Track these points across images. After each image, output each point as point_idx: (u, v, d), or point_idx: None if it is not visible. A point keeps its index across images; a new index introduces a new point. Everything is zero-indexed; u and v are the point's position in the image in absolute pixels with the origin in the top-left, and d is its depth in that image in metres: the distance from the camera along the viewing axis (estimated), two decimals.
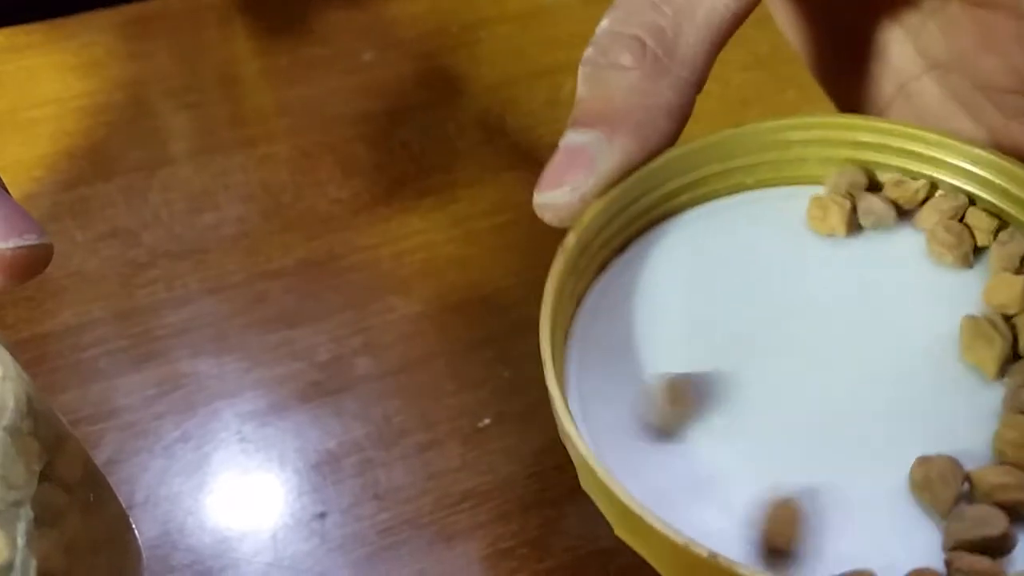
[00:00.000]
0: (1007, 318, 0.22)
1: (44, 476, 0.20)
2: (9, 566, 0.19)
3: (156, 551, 0.31)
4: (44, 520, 0.20)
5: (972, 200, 0.24)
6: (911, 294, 0.23)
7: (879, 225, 0.25)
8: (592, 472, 0.20)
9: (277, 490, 0.33)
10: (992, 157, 0.24)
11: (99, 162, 0.41)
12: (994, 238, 0.24)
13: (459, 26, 0.49)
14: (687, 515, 0.20)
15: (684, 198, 0.25)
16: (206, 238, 0.38)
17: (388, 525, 0.32)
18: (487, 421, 0.35)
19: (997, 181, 0.24)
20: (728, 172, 0.25)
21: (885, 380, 0.22)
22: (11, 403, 0.19)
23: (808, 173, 0.25)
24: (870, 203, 0.24)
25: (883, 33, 0.27)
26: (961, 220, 0.24)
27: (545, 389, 0.22)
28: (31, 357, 0.35)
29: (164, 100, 0.44)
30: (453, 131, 0.44)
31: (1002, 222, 0.24)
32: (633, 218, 0.24)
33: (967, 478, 0.20)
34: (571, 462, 0.34)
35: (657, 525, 0.19)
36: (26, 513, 0.19)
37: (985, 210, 0.24)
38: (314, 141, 0.42)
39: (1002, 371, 0.21)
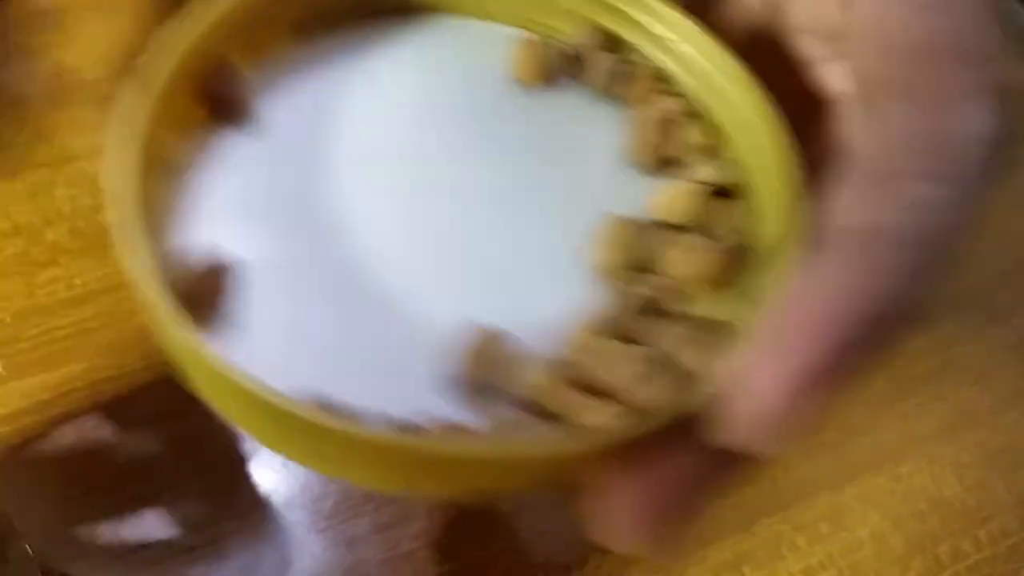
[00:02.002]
0: (665, 227, 0.21)
1: None
2: None
3: None
4: None
5: (701, 113, 0.23)
6: (577, 175, 0.22)
7: (597, 90, 0.24)
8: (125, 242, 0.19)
9: (173, 493, 0.34)
10: (736, 71, 0.23)
11: None
12: (695, 158, 0.23)
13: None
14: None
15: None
16: None
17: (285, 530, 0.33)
18: None
19: (713, 113, 0.23)
20: None
21: (502, 248, 0.21)
22: None
23: (556, 24, 0.24)
24: (599, 64, 0.24)
25: None
26: (673, 125, 0.23)
27: None
28: None
29: None
30: None
31: (711, 144, 0.23)
32: None
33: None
34: None
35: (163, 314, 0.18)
36: None
37: (706, 127, 0.23)
38: None
39: (622, 279, 0.21)
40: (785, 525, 0.35)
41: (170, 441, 0.34)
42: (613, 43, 0.24)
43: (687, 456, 0.19)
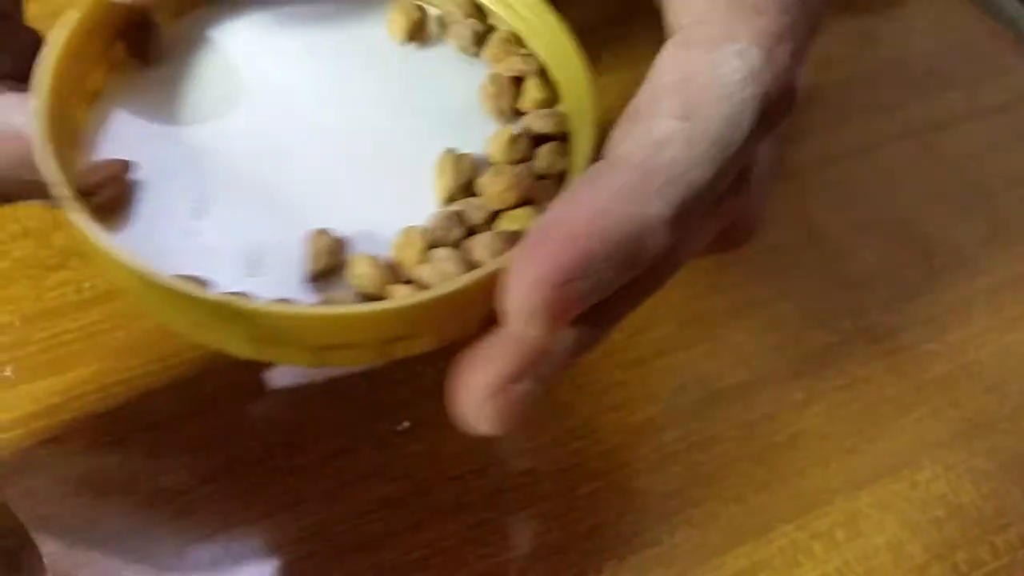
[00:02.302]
0: (491, 162, 0.27)
1: None
2: None
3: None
4: None
5: (545, 72, 0.28)
6: (436, 119, 0.28)
7: (462, 50, 0.29)
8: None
9: (184, 500, 0.33)
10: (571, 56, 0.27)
11: None
12: (537, 108, 0.28)
13: None
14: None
15: None
16: None
17: (298, 536, 0.33)
18: (406, 424, 0.35)
19: (553, 73, 0.28)
20: None
21: (359, 170, 0.27)
22: None
23: None
24: (463, 28, 0.29)
25: None
26: (520, 82, 0.28)
27: None
28: None
29: None
30: None
31: (547, 98, 0.28)
32: None
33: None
34: (492, 465, 0.35)
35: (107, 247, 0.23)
36: None
37: (546, 85, 0.28)
38: None
39: (452, 200, 0.26)
40: (801, 532, 0.34)
41: (182, 445, 0.34)
42: (477, 9, 0.29)
43: (504, 346, 0.23)
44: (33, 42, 0.33)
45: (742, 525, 0.35)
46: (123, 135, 0.26)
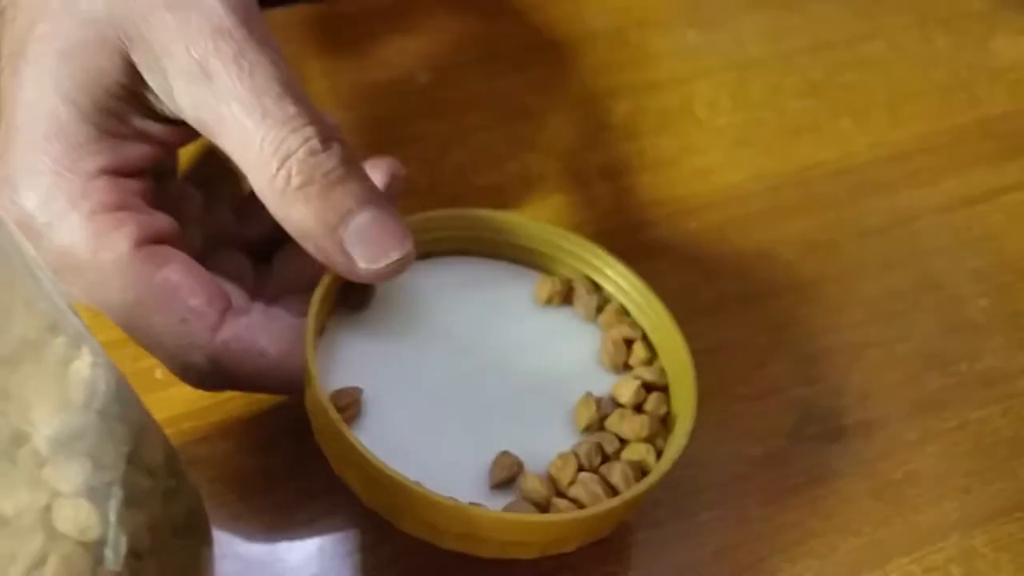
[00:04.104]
0: (617, 404, 0.36)
1: (129, 460, 0.23)
2: (102, 541, 0.22)
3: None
4: (131, 501, 0.23)
5: (645, 335, 0.38)
6: (568, 370, 0.37)
7: (584, 317, 0.38)
8: (325, 415, 0.32)
9: (324, 504, 0.36)
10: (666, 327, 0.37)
11: None
12: (642, 364, 0.37)
13: (514, 49, 0.52)
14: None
15: (482, 247, 0.39)
16: None
17: (432, 546, 0.35)
18: None
19: (651, 337, 0.38)
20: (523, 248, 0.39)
21: (518, 409, 0.35)
22: (102, 387, 0.22)
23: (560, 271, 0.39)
24: (587, 301, 0.38)
25: None
26: (630, 343, 0.37)
27: None
28: None
29: None
30: (504, 153, 0.47)
31: (649, 356, 0.37)
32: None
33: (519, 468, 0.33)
34: None
35: (370, 457, 0.31)
36: (116, 492, 0.22)
37: (648, 345, 0.37)
38: None
39: (587, 429, 0.35)
40: (917, 566, 0.36)
41: (322, 452, 0.37)
42: (594, 285, 0.39)
43: None
44: (196, 207, 0.38)
45: (860, 557, 0.36)
46: (347, 364, 0.35)
